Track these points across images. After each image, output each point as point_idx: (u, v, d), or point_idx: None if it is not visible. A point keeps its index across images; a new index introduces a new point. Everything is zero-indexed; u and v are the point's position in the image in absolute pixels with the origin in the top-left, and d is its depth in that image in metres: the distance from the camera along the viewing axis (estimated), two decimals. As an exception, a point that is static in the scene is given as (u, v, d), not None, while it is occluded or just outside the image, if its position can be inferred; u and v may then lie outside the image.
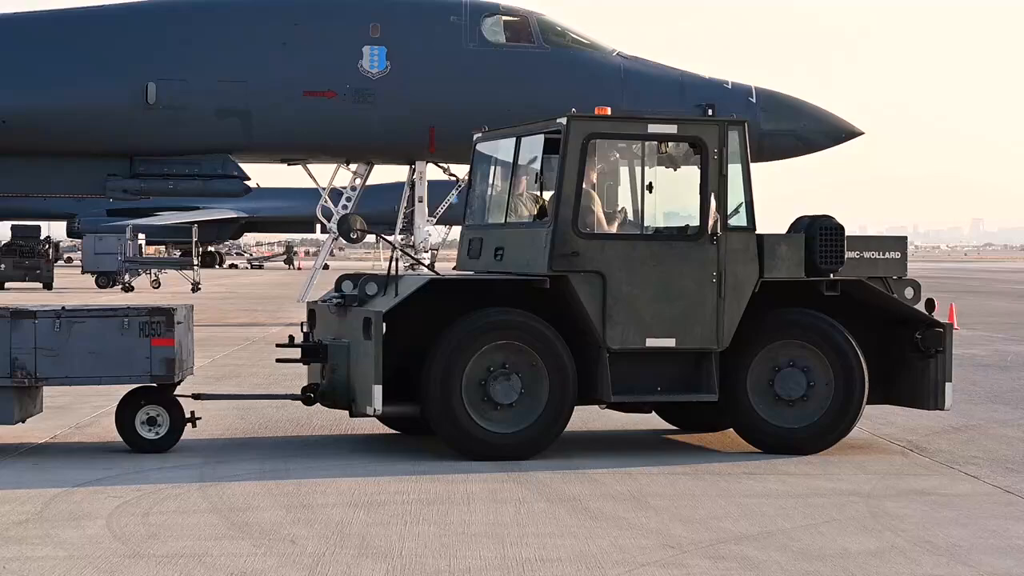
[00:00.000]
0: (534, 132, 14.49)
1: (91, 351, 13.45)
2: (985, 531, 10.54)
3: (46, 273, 57.48)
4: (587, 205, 13.97)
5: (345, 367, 13.76)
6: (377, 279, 13.89)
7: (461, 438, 13.49)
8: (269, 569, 9.18)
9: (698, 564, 9.41)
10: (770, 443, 14.10)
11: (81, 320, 13.50)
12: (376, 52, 31.58)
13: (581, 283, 13.68)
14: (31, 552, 9.59)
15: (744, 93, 32.25)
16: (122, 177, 32.19)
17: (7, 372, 13.30)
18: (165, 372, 13.58)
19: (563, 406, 13.62)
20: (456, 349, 13.41)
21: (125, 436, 13.87)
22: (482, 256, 14.87)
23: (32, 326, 13.35)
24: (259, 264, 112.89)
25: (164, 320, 13.55)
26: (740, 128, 14.15)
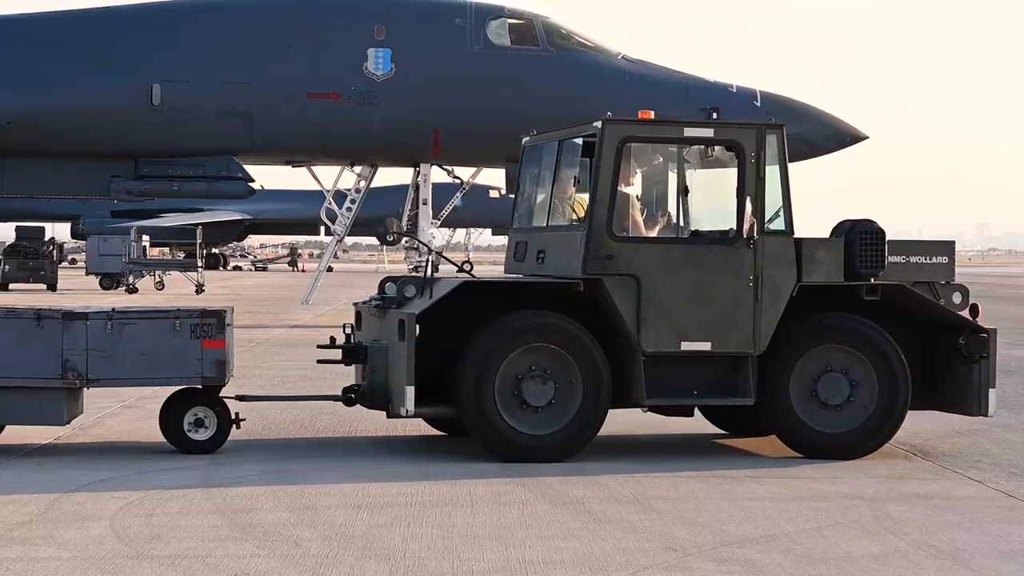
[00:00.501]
0: (574, 135, 14.55)
1: (142, 353, 13.53)
2: (988, 535, 10.54)
3: (50, 274, 57.47)
4: (622, 208, 14.00)
5: (384, 368, 13.84)
6: (416, 281, 13.93)
7: (494, 439, 13.54)
8: (272, 571, 9.19)
9: (701, 567, 9.41)
10: (812, 448, 14.03)
11: (133, 322, 13.58)
12: (381, 54, 31.58)
13: (615, 286, 13.70)
14: (34, 553, 9.60)
15: (749, 97, 32.25)
16: (126, 178, 32.18)
17: (58, 373, 13.36)
18: (216, 374, 13.69)
19: (597, 409, 13.65)
20: (490, 351, 13.48)
21: (171, 438, 13.94)
22: (526, 259, 14.99)
23: (84, 327, 13.43)
24: (263, 266, 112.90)
25: (215, 322, 13.67)
26: (778, 132, 14.15)
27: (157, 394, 18.82)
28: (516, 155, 33.39)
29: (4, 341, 13.34)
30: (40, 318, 13.38)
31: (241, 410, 14.09)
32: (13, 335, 13.36)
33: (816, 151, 32.86)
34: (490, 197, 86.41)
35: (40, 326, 13.37)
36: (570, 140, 14.63)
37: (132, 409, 17.32)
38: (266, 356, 25.30)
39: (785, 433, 14.21)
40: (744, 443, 15.12)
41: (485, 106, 31.82)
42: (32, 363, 13.34)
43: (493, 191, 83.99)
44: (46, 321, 13.38)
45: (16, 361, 13.33)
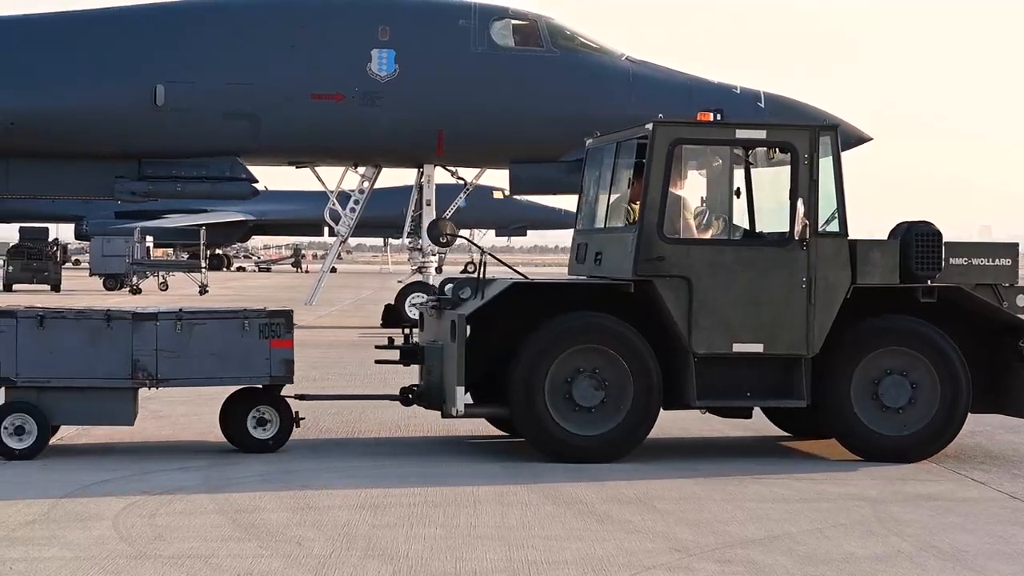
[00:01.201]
0: (630, 138, 14.58)
1: (211, 352, 13.65)
2: (991, 536, 10.54)
3: (54, 275, 57.47)
4: (673, 210, 14.02)
5: (439, 369, 13.93)
6: (472, 283, 14.03)
7: (544, 440, 13.62)
8: (275, 570, 9.19)
9: (704, 568, 9.41)
10: (873, 451, 13.98)
11: (202, 322, 13.70)
12: (384, 55, 31.55)
13: (666, 288, 13.74)
14: (37, 553, 9.60)
15: (753, 98, 32.20)
16: (130, 179, 32.15)
17: (128, 374, 13.47)
18: (284, 373, 13.82)
19: (648, 410, 13.69)
20: (540, 352, 13.56)
21: (232, 437, 14.07)
22: (586, 260, 15.04)
23: (153, 328, 13.55)
24: (267, 267, 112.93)
25: (283, 322, 13.80)
26: (832, 133, 14.13)
27: (158, 395, 18.85)
28: (519, 157, 33.40)
29: (73, 342, 13.49)
30: (110, 319, 13.52)
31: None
32: (82, 336, 13.50)
33: (820, 153, 32.80)
34: (493, 198, 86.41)
35: (110, 327, 13.51)
36: (626, 142, 14.69)
37: (135, 409, 17.31)
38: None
39: (844, 436, 14.13)
40: (745, 444, 15.12)
41: (489, 107, 31.79)
42: (101, 364, 13.48)
43: (497, 192, 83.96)
44: (116, 322, 13.52)
45: (85, 362, 13.48)
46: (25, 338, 13.42)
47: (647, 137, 13.95)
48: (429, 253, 34.20)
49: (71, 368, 13.45)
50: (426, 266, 34.21)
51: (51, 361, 13.44)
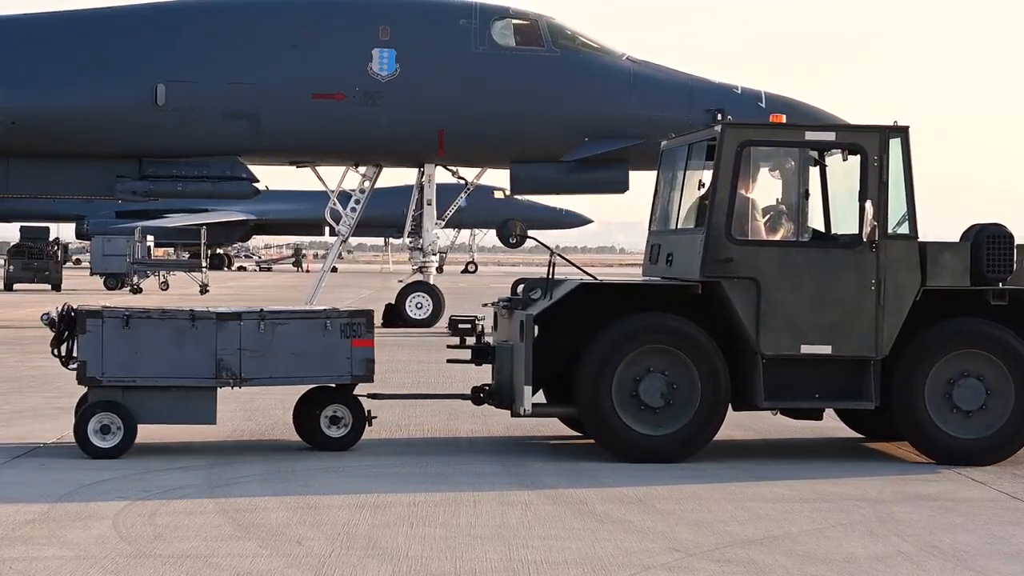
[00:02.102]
0: (701, 139, 14.63)
1: (293, 352, 13.76)
2: (992, 537, 10.53)
3: (54, 275, 57.51)
4: (741, 211, 14.05)
5: (509, 368, 14.02)
6: (542, 284, 14.08)
7: (612, 440, 13.69)
8: (275, 570, 9.19)
9: (704, 567, 9.41)
10: (945, 454, 13.91)
11: (284, 322, 13.81)
12: (386, 54, 31.55)
13: (734, 289, 13.76)
14: (37, 552, 9.60)
15: (753, 98, 32.21)
16: (131, 179, 32.15)
17: (212, 373, 13.57)
18: (365, 372, 13.95)
19: (715, 410, 13.72)
20: (608, 352, 13.61)
21: (304, 435, 14.22)
22: (659, 261, 15.09)
23: (237, 327, 13.66)
24: (267, 266, 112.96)
25: (364, 322, 13.94)
26: (902, 135, 14.10)
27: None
28: (520, 156, 33.42)
29: (158, 341, 13.59)
30: (195, 318, 13.62)
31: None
32: (167, 335, 13.61)
33: (820, 152, 32.79)
34: (495, 198, 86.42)
35: (194, 326, 13.62)
36: (697, 144, 14.74)
37: (136, 409, 17.31)
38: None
39: (917, 439, 14.08)
40: (745, 444, 15.11)
41: (490, 107, 31.78)
42: (186, 363, 13.59)
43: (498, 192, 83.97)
44: (200, 322, 13.62)
45: (170, 361, 13.59)
46: (111, 338, 13.54)
47: (716, 139, 13.99)
48: (429, 253, 34.18)
49: (156, 368, 13.58)
50: (427, 266, 34.19)
51: (136, 361, 13.56)
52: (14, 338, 29.66)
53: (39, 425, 15.69)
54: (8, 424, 15.82)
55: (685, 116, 31.74)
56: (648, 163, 32.88)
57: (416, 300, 33.33)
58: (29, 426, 15.63)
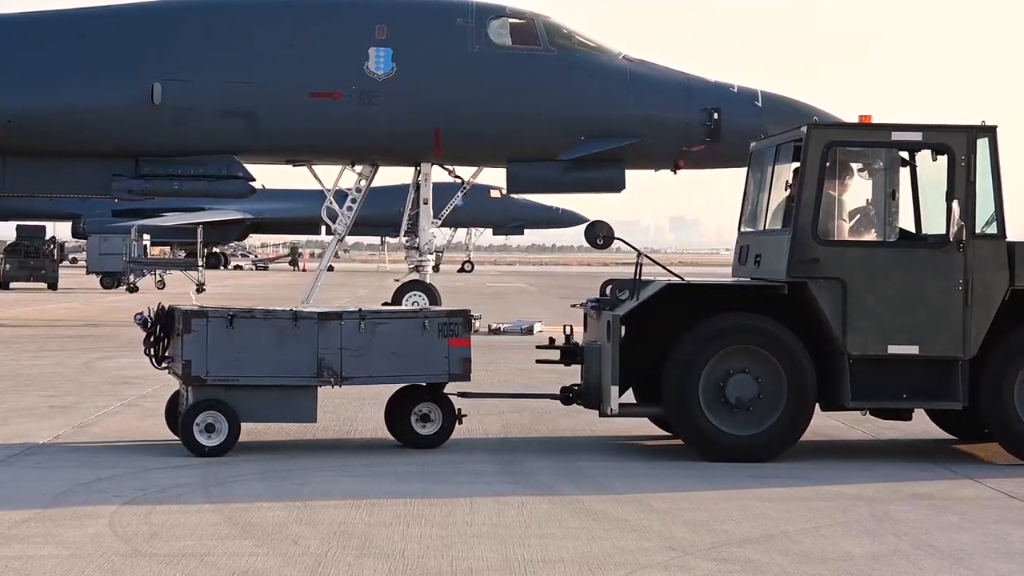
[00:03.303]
0: (788, 140, 14.66)
1: (392, 351, 13.91)
2: (988, 535, 10.54)
3: (51, 273, 57.51)
4: (827, 212, 14.07)
5: (597, 368, 14.08)
6: (629, 284, 14.14)
7: (699, 439, 13.74)
8: (271, 569, 9.18)
9: (700, 566, 9.41)
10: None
11: (384, 321, 13.97)
12: (382, 53, 31.53)
13: (821, 289, 13.79)
14: (33, 551, 9.59)
15: (750, 97, 32.19)
16: (128, 177, 32.13)
17: (313, 372, 13.71)
18: (462, 371, 14.09)
19: (802, 410, 13.74)
20: (694, 353, 13.68)
21: (396, 432, 14.39)
22: (747, 262, 15.14)
23: (338, 327, 13.80)
24: (264, 265, 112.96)
25: (461, 321, 14.09)
26: (990, 135, 14.07)
27: (158, 393, 18.85)
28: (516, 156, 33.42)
29: (262, 341, 13.72)
30: (297, 318, 13.77)
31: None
32: (270, 335, 13.74)
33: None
34: (491, 197, 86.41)
35: (296, 326, 13.76)
36: (784, 144, 14.77)
37: (131, 408, 17.34)
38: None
39: (1006, 439, 14.04)
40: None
41: (486, 106, 31.77)
42: (288, 362, 13.72)
43: (494, 191, 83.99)
44: (302, 321, 13.77)
45: (272, 361, 13.72)
46: (215, 337, 13.66)
47: (803, 140, 14.00)
48: (426, 252, 34.17)
49: (258, 367, 13.72)
50: (423, 265, 34.17)
51: (240, 360, 13.69)
52: (10, 337, 29.65)
53: (35, 424, 15.68)
54: (4, 423, 15.81)
55: (682, 115, 31.76)
56: (644, 162, 32.94)
57: (413, 299, 33.30)
58: (25, 425, 15.62)
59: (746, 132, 31.86)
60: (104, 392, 18.99)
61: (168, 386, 19.71)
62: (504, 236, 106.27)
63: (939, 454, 14.44)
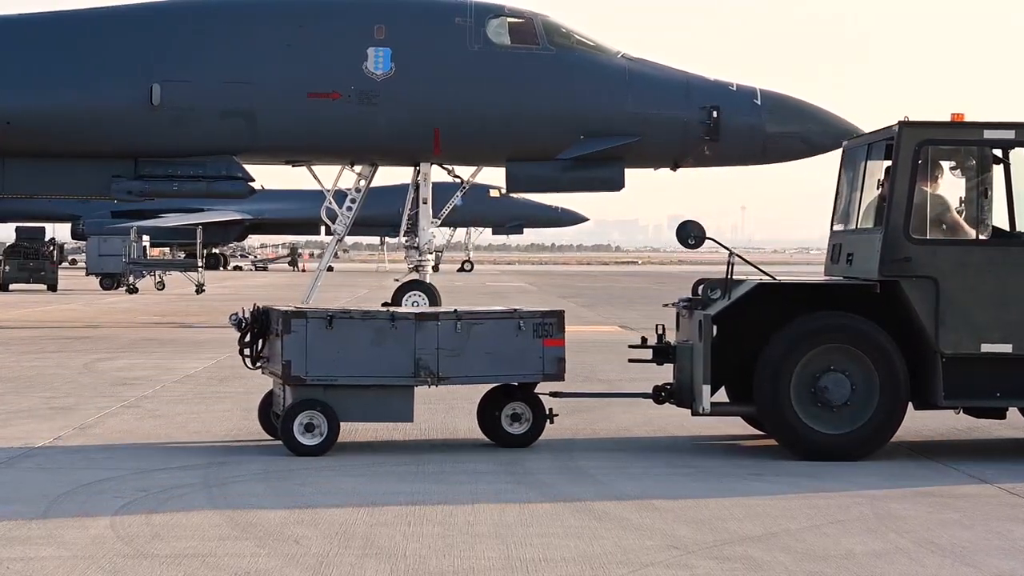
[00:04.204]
0: (879, 139, 14.65)
1: (488, 351, 14.03)
2: (990, 532, 10.53)
3: (50, 275, 57.52)
4: (920, 210, 14.04)
5: (689, 368, 14.14)
6: (721, 284, 14.19)
7: (791, 438, 13.76)
8: (273, 569, 9.18)
9: (703, 565, 9.40)
10: None
11: (480, 322, 14.08)
12: (381, 53, 31.53)
13: (913, 288, 13.79)
14: (35, 552, 9.58)
15: (749, 95, 32.20)
16: (127, 178, 32.14)
17: (411, 372, 13.83)
18: (556, 371, 14.19)
19: (895, 409, 13.74)
20: (786, 351, 13.70)
21: (488, 432, 14.50)
22: (839, 261, 15.16)
23: (435, 327, 13.93)
24: (263, 266, 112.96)
25: (556, 322, 14.17)
26: None
27: (158, 394, 18.86)
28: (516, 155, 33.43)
29: (360, 341, 13.84)
30: (394, 319, 13.89)
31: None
32: (368, 336, 13.86)
33: (816, 149, 32.80)
34: (490, 196, 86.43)
35: (394, 327, 13.88)
36: (876, 143, 14.76)
37: (132, 409, 17.33)
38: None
39: None
40: (745, 441, 15.10)
41: (485, 105, 31.77)
42: (386, 362, 13.84)
43: (493, 190, 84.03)
44: (400, 322, 13.89)
45: (371, 361, 13.84)
46: (314, 338, 13.77)
47: (894, 138, 14.02)
48: (425, 252, 34.17)
49: (357, 367, 13.84)
50: (423, 265, 34.17)
51: (338, 360, 13.80)
52: (10, 338, 29.64)
53: (35, 425, 15.68)
54: (4, 424, 15.80)
55: (681, 114, 31.77)
56: (643, 161, 32.95)
57: (412, 299, 33.31)
58: (26, 426, 15.61)
59: (745, 131, 31.95)
60: (104, 393, 18.98)
61: (167, 388, 19.74)
62: (503, 235, 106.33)
63: (940, 452, 14.43)
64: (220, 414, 16.70)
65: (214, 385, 20.17)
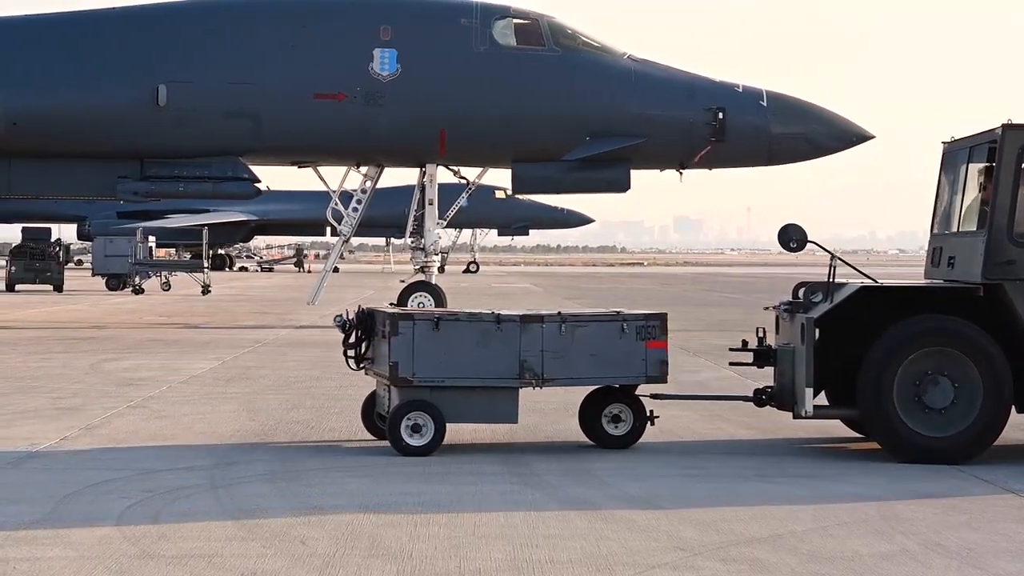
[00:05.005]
0: (981, 142, 14.61)
1: (592, 353, 14.11)
2: (997, 534, 10.52)
3: (56, 276, 57.57)
4: (1023, 213, 13.99)
5: (790, 371, 14.14)
6: (823, 287, 14.20)
7: (894, 441, 13.76)
8: (279, 570, 9.17)
9: (709, 566, 9.39)
10: None
11: (584, 324, 14.16)
12: (387, 54, 31.55)
13: (1017, 291, 13.80)
14: (41, 552, 9.59)
15: (755, 97, 32.20)
16: (133, 179, 32.19)
17: (516, 373, 13.93)
18: (659, 373, 14.27)
19: (999, 412, 13.72)
20: (888, 355, 13.68)
21: (588, 432, 14.58)
22: (940, 264, 15.13)
23: (540, 330, 14.02)
24: (269, 267, 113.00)
25: (659, 324, 14.25)
26: None
27: (164, 395, 18.86)
28: (521, 156, 33.42)
29: (466, 343, 13.96)
30: (500, 321, 13.98)
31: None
32: (474, 337, 13.98)
33: (822, 151, 32.80)
34: (496, 198, 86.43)
35: (500, 329, 13.98)
36: (978, 146, 14.71)
37: (138, 409, 17.34)
38: (271, 356, 25.32)
39: None
40: (750, 443, 15.10)
41: (491, 106, 31.78)
42: (491, 364, 13.96)
43: (499, 191, 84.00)
44: (505, 324, 13.99)
45: (476, 362, 13.95)
46: (421, 340, 13.90)
47: (997, 141, 13.99)
48: (431, 253, 34.16)
49: (463, 368, 13.95)
50: (428, 266, 34.17)
51: (445, 362, 13.91)
52: (17, 339, 29.67)
53: (42, 426, 15.69)
54: (11, 425, 15.81)
55: (686, 115, 31.77)
56: (649, 162, 32.94)
57: (418, 300, 33.32)
58: (32, 427, 15.62)
59: (751, 132, 31.95)
60: (110, 394, 18.99)
61: (173, 389, 19.75)
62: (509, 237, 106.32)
63: (947, 453, 14.41)
64: (226, 415, 16.70)
65: (220, 386, 20.17)
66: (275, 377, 21.25)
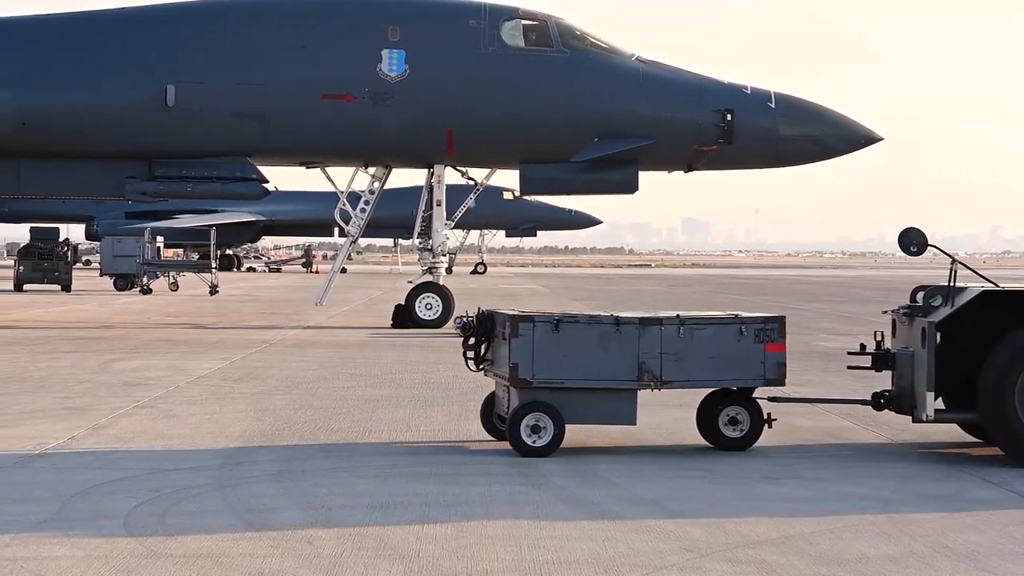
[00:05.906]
0: None
1: (710, 356, 14.15)
2: (1004, 536, 10.50)
3: (64, 275, 57.65)
4: None
5: (910, 374, 14.13)
6: (943, 291, 14.17)
7: (1016, 447, 13.69)
8: (286, 570, 9.17)
9: (716, 568, 9.38)
10: None
11: (702, 327, 14.19)
12: (395, 55, 31.58)
13: None
14: (48, 552, 9.59)
15: (763, 98, 32.20)
16: (141, 179, 32.24)
17: (634, 375, 13.99)
18: (777, 376, 14.29)
19: None
20: (1012, 359, 13.60)
21: (706, 435, 14.64)
22: None
23: (659, 332, 14.07)
24: (277, 267, 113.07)
25: (777, 327, 14.30)
26: None
27: (171, 395, 18.87)
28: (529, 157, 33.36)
29: (585, 345, 14.01)
30: (619, 323, 14.03)
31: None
32: (593, 339, 14.03)
33: (830, 153, 32.80)
34: (503, 199, 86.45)
35: (619, 331, 14.02)
36: None
37: (146, 409, 17.35)
38: (279, 356, 25.32)
39: None
40: (758, 445, 15.08)
41: (499, 107, 31.80)
42: (610, 366, 14.00)
43: (507, 192, 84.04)
44: (624, 326, 14.04)
45: (595, 364, 14.00)
46: (541, 341, 13.96)
47: None
48: (439, 254, 34.18)
49: (582, 370, 14.00)
50: (436, 267, 34.19)
51: (564, 363, 13.97)
52: (25, 338, 29.69)
53: (49, 425, 15.70)
54: (18, 424, 15.83)
55: (694, 116, 31.78)
56: (657, 163, 32.94)
57: (426, 301, 33.35)
58: (40, 426, 15.63)
59: (759, 134, 31.94)
60: (118, 393, 19.01)
61: (181, 389, 19.77)
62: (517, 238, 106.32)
63: (953, 456, 14.40)
64: (234, 415, 16.71)
65: (228, 385, 20.18)
66: (282, 377, 21.26)
